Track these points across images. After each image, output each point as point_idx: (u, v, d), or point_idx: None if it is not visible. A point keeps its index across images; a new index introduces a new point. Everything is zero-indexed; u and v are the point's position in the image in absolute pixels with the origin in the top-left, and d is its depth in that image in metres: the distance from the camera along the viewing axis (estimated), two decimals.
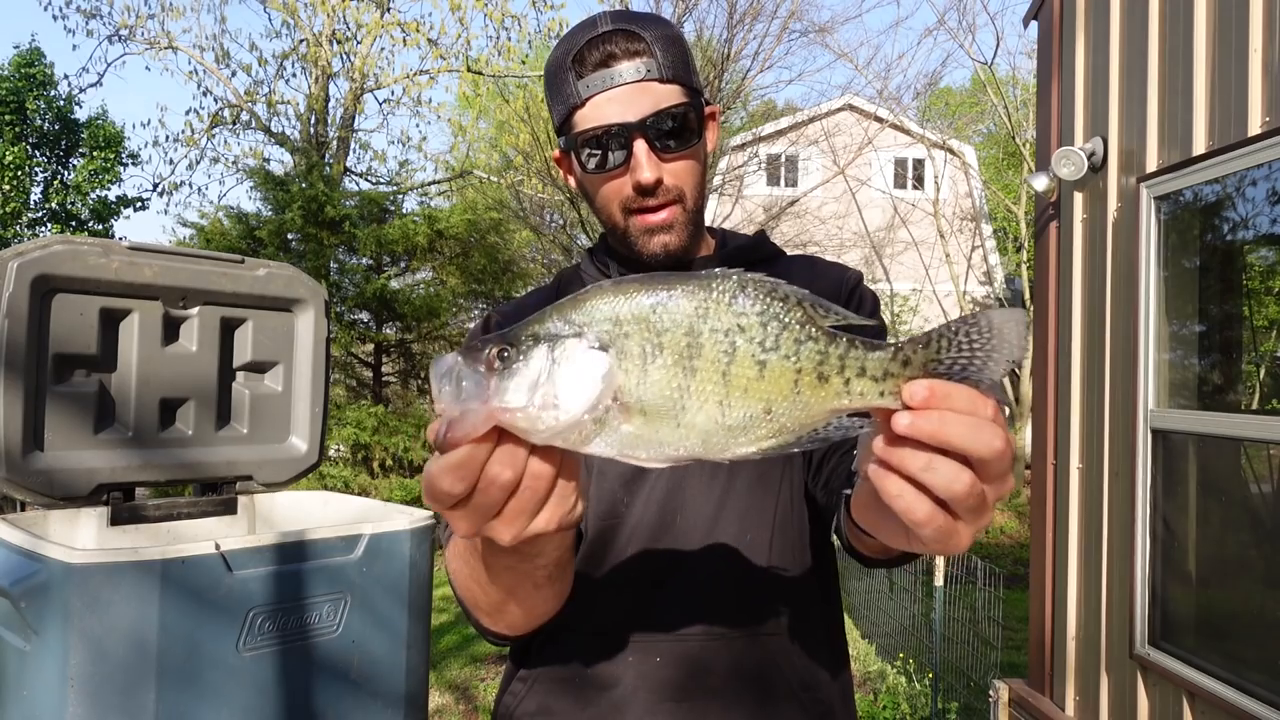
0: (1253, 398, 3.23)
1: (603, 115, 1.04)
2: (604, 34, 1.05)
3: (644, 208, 1.07)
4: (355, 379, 10.52)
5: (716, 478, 1.10)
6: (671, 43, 1.06)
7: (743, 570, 1.09)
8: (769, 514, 1.10)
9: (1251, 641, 2.75)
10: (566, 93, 1.07)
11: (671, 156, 1.06)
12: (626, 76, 1.04)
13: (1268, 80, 2.63)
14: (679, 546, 1.09)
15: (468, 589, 0.95)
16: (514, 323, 1.13)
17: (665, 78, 1.04)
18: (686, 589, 1.08)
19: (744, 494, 1.10)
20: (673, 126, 1.05)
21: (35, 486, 1.82)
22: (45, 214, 17.11)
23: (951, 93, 20.44)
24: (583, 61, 1.05)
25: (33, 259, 1.79)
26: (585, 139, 1.05)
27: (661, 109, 1.04)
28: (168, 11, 12.54)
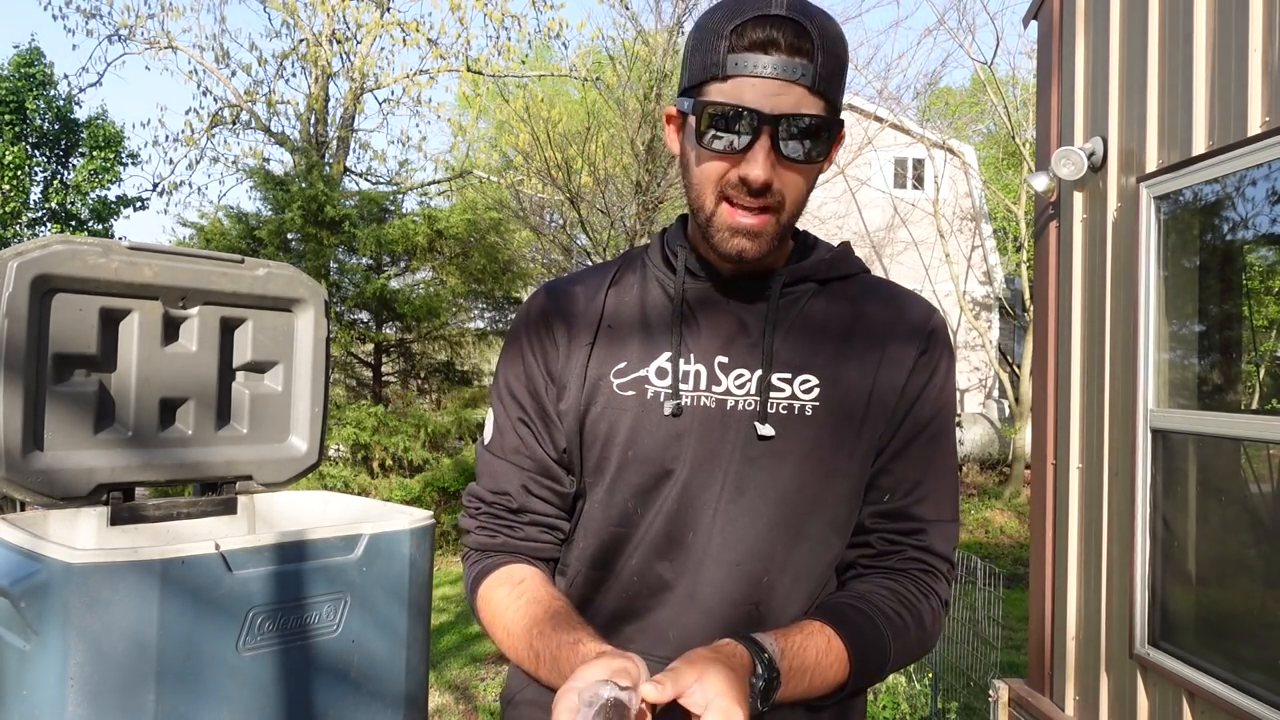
0: (1253, 398, 3.23)
1: (742, 96, 0.98)
2: (775, 17, 0.97)
3: (742, 203, 1.01)
4: (355, 379, 10.52)
5: (738, 502, 1.07)
6: (836, 54, 1.00)
7: (751, 596, 1.08)
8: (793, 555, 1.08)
9: (1251, 641, 2.75)
10: (713, 60, 1.00)
11: (791, 165, 1.01)
12: (781, 71, 0.97)
13: (1268, 80, 2.63)
14: (686, 563, 1.08)
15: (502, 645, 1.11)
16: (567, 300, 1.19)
17: (817, 87, 0.98)
18: (689, 604, 1.08)
19: (767, 530, 1.07)
20: (804, 135, 0.99)
21: (35, 486, 1.82)
22: (45, 214, 17.11)
23: (951, 93, 20.45)
24: (742, 35, 0.98)
25: (33, 259, 1.78)
26: (714, 111, 0.99)
27: (802, 113, 0.97)
28: (168, 11, 12.54)
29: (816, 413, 1.07)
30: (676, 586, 1.08)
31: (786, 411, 1.07)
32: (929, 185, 16.21)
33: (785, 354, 1.08)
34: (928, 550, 1.10)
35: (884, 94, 15.90)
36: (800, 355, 1.09)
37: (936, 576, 1.10)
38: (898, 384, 1.10)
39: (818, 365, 1.08)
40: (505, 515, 1.16)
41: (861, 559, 1.11)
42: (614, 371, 1.12)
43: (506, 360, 1.19)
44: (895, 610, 1.05)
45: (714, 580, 1.07)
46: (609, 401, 1.11)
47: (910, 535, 1.10)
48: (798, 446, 1.07)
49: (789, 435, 1.07)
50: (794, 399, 1.07)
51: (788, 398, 1.07)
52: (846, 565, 1.12)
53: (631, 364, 1.11)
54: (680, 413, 1.08)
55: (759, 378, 1.07)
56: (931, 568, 1.10)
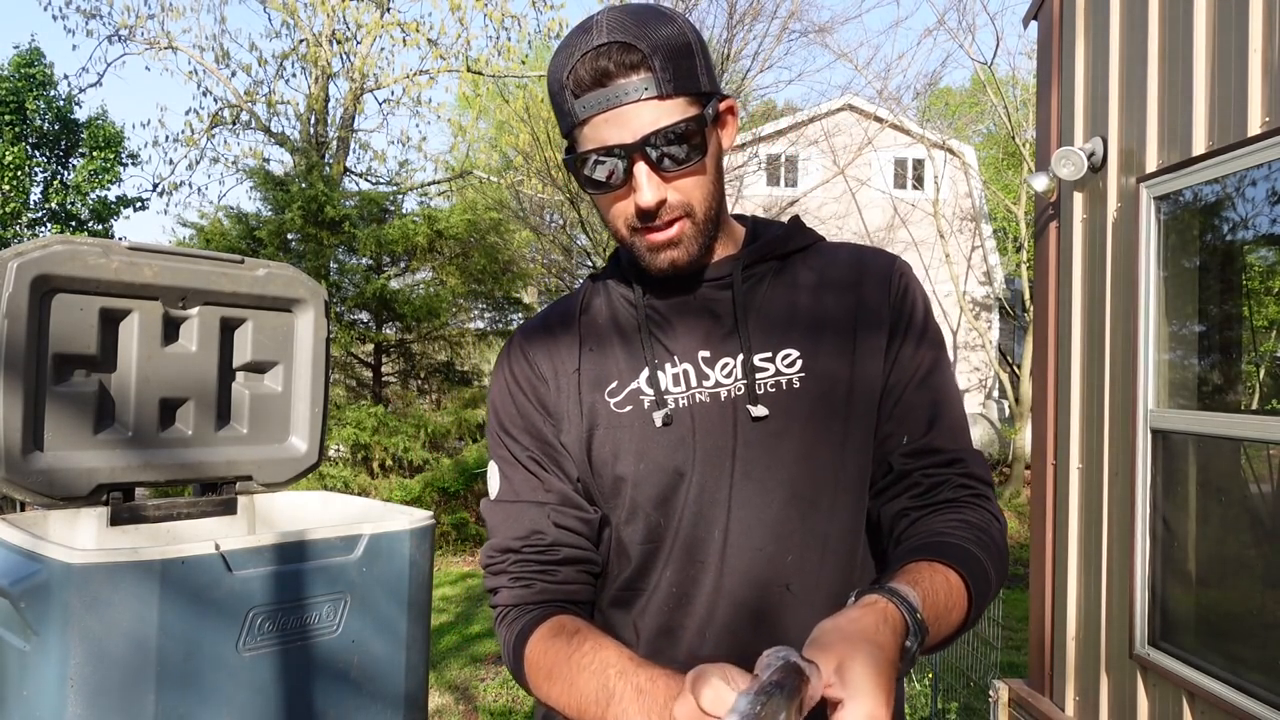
0: (1253, 398, 3.23)
1: (600, 136, 1.00)
2: (600, 47, 0.98)
3: (649, 226, 1.04)
4: (355, 379, 10.52)
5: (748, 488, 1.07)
6: (673, 48, 0.99)
7: (780, 578, 1.07)
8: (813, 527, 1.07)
9: (1251, 641, 2.75)
10: (565, 110, 1.02)
11: (674, 174, 1.02)
12: (624, 96, 0.98)
13: (1268, 80, 2.63)
14: (713, 560, 1.07)
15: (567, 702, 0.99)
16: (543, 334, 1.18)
17: (665, 92, 0.98)
18: (722, 601, 1.07)
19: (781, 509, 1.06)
20: (674, 144, 0.99)
21: (35, 486, 1.82)
22: (45, 214, 17.11)
23: (951, 93, 20.45)
24: (579, 79, 0.99)
25: (33, 259, 1.78)
26: (584, 159, 1.01)
27: (660, 128, 0.98)
28: (168, 11, 12.54)
29: (804, 383, 1.08)
30: (708, 586, 1.07)
31: (775, 389, 1.08)
32: (929, 185, 16.21)
33: (762, 334, 1.10)
34: (971, 476, 1.08)
35: (884, 94, 15.90)
36: (776, 332, 1.10)
37: (989, 499, 1.09)
38: (879, 335, 1.10)
39: (795, 338, 1.09)
40: (538, 560, 1.10)
41: (911, 501, 1.07)
42: (607, 392, 1.12)
43: (498, 407, 1.17)
44: (978, 537, 1.02)
45: (741, 569, 1.06)
46: (609, 422, 1.10)
47: (950, 466, 1.08)
48: (793, 420, 1.07)
49: (782, 411, 1.07)
50: (779, 375, 1.08)
51: (773, 375, 1.08)
52: (899, 513, 1.07)
53: (622, 381, 1.11)
54: (671, 421, 1.08)
55: (742, 362, 1.09)
56: (981, 492, 1.08)
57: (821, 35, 18.41)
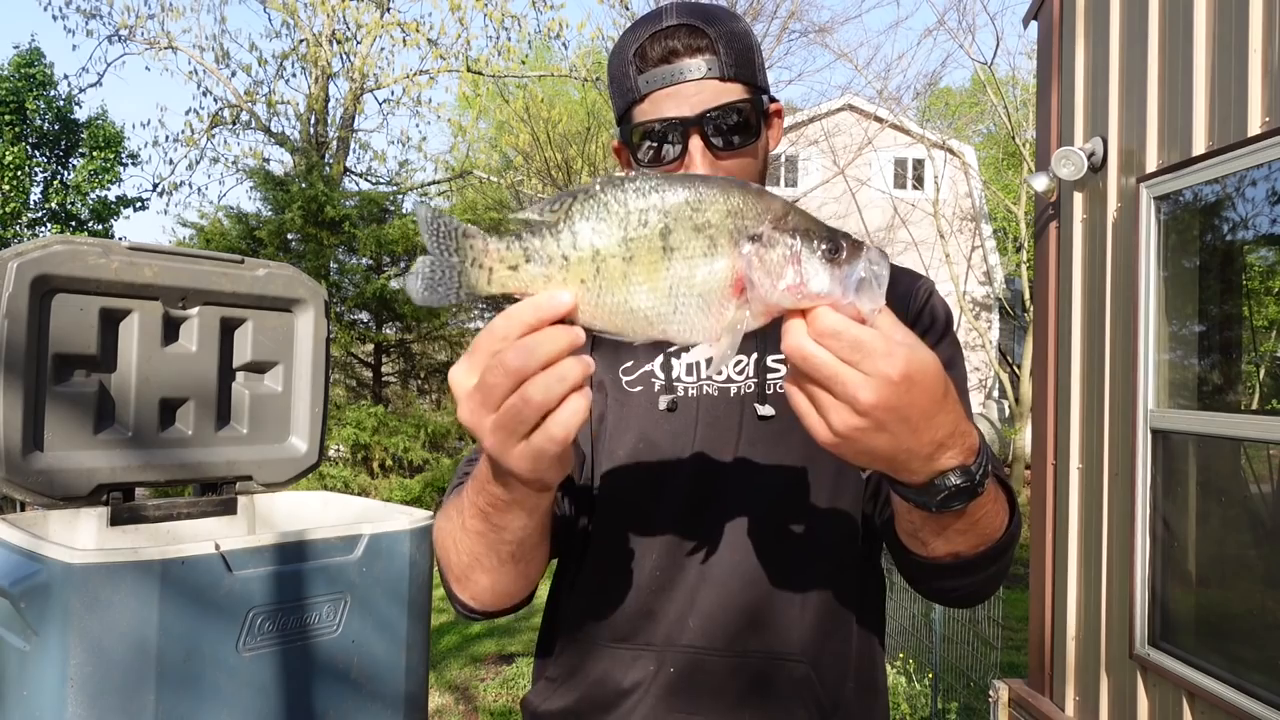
0: (1253, 398, 3.23)
1: (660, 110, 1.03)
2: (668, 28, 1.03)
3: None
4: (355, 379, 10.52)
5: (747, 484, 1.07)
6: (737, 38, 1.04)
7: (770, 576, 1.06)
8: (808, 529, 1.07)
9: (1251, 641, 2.75)
10: (627, 86, 1.05)
11: (727, 155, 1.04)
12: (688, 73, 1.02)
13: (1268, 80, 2.63)
14: (703, 549, 1.08)
15: (443, 548, 0.98)
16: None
17: (726, 75, 1.02)
18: (709, 589, 1.07)
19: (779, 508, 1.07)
20: (731, 124, 1.03)
21: (35, 486, 1.82)
22: (45, 214, 17.11)
23: (951, 93, 20.44)
24: (644, 56, 1.04)
25: (33, 259, 1.78)
26: (643, 131, 1.04)
27: (720, 104, 1.02)
28: (168, 11, 12.54)
29: None
30: (693, 575, 1.07)
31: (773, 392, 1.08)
32: (929, 185, 16.21)
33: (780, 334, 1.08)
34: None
35: (884, 94, 15.91)
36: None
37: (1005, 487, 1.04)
38: None
39: None
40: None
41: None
42: (622, 369, 1.13)
43: None
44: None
45: (731, 563, 1.06)
46: (618, 397, 1.12)
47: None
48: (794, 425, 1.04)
49: (789, 413, 1.03)
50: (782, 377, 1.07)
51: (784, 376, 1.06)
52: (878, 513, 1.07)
53: (638, 361, 1.13)
54: (675, 407, 1.09)
55: (755, 360, 1.08)
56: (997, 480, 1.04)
57: (821, 35, 18.41)
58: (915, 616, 6.01)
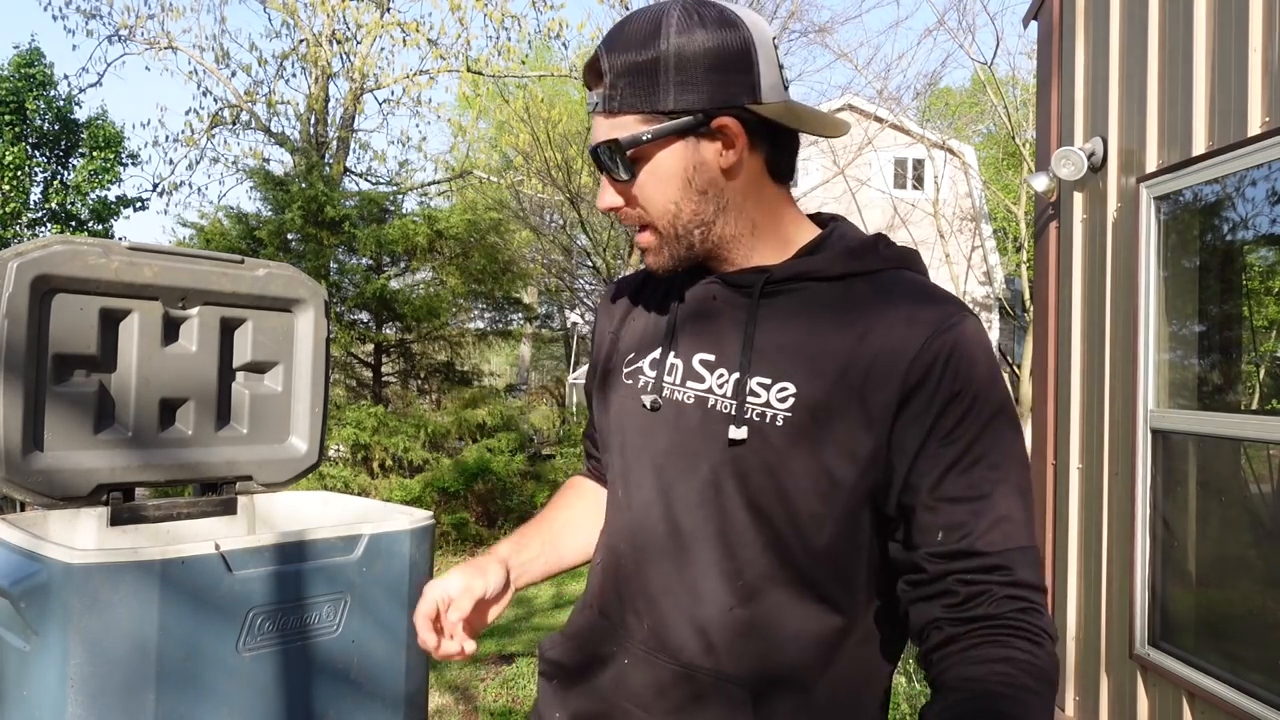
0: (1253, 398, 3.22)
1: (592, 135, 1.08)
2: (593, 55, 1.05)
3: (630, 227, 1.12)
4: (355, 379, 10.51)
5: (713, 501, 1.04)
6: (634, 69, 1.00)
7: (730, 599, 1.03)
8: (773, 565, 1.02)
9: (1251, 641, 2.75)
10: None
11: (620, 185, 1.05)
12: (590, 105, 1.06)
13: (1268, 80, 2.63)
14: (664, 554, 1.07)
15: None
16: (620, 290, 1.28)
17: (612, 110, 1.01)
18: (667, 595, 1.06)
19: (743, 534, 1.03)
20: (611, 159, 1.03)
21: (35, 486, 1.82)
22: (45, 214, 17.11)
23: (951, 93, 20.45)
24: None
25: (33, 259, 1.78)
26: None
27: (600, 142, 1.03)
28: (168, 11, 12.54)
29: (787, 424, 1.00)
30: (654, 576, 1.08)
31: (759, 419, 1.02)
32: (929, 185, 16.21)
33: (770, 358, 1.03)
34: (1019, 584, 0.93)
35: (884, 94, 15.91)
36: (783, 361, 1.02)
37: (1039, 612, 0.93)
38: (894, 401, 0.97)
39: (799, 374, 1.01)
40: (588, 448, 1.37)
41: (945, 612, 0.95)
42: (625, 360, 1.16)
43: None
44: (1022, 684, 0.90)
45: (689, 578, 1.05)
46: (617, 389, 1.15)
47: (993, 572, 0.93)
48: (764, 457, 1.01)
49: (757, 444, 1.01)
50: (768, 406, 1.02)
51: (763, 404, 1.02)
52: (931, 622, 0.96)
53: (638, 354, 1.14)
54: (658, 407, 1.09)
55: (736, 380, 1.04)
56: (1027, 600, 0.93)
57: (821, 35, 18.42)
58: None
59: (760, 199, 1.07)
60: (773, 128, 1.05)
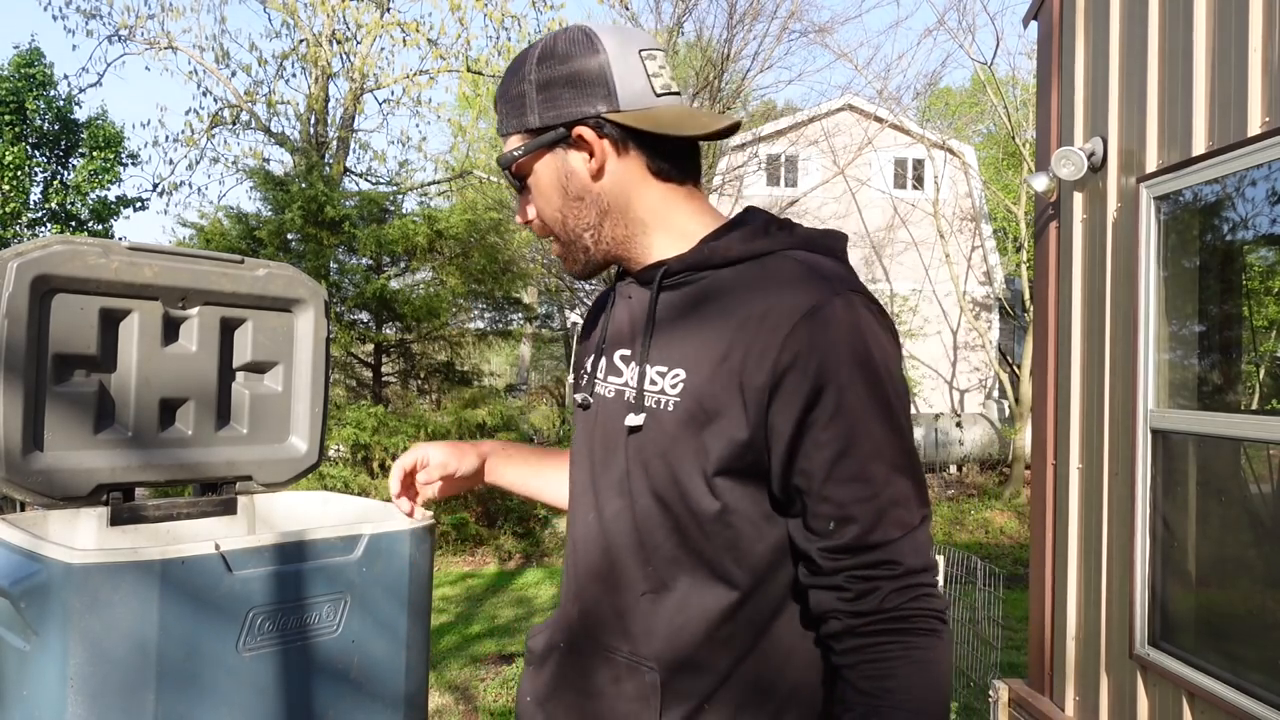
0: (1253, 398, 3.22)
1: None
2: None
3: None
4: (355, 379, 10.51)
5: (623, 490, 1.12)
6: (507, 95, 1.15)
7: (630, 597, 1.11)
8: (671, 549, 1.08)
9: (1251, 641, 2.75)
10: None
11: (525, 201, 1.19)
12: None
13: (1268, 80, 2.63)
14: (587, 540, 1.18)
15: None
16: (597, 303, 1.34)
17: (500, 133, 1.17)
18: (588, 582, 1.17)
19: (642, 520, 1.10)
20: (507, 176, 1.17)
21: (35, 486, 1.82)
22: (45, 214, 17.11)
23: (951, 93, 20.44)
24: None
25: (33, 259, 1.78)
26: None
27: (498, 161, 1.16)
28: (168, 11, 12.53)
29: (677, 409, 1.06)
30: (584, 564, 1.17)
31: (656, 406, 1.08)
32: (929, 185, 16.21)
33: (667, 347, 1.10)
34: (907, 574, 0.98)
35: (884, 94, 15.91)
36: (677, 349, 1.09)
37: (927, 594, 0.99)
38: (765, 384, 1.00)
39: (689, 361, 1.06)
40: None
41: (839, 603, 1.00)
42: (577, 365, 1.29)
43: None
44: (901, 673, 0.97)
45: (610, 566, 1.13)
46: (573, 391, 1.29)
47: (880, 567, 0.98)
48: (660, 444, 1.08)
49: (655, 431, 1.08)
50: (663, 394, 1.08)
51: (659, 392, 1.09)
52: (828, 612, 1.01)
53: (584, 358, 1.27)
54: (588, 405, 1.21)
55: (638, 371, 1.12)
56: (916, 588, 0.99)
57: (821, 35, 18.43)
58: None
59: (645, 199, 1.13)
60: (643, 133, 1.10)
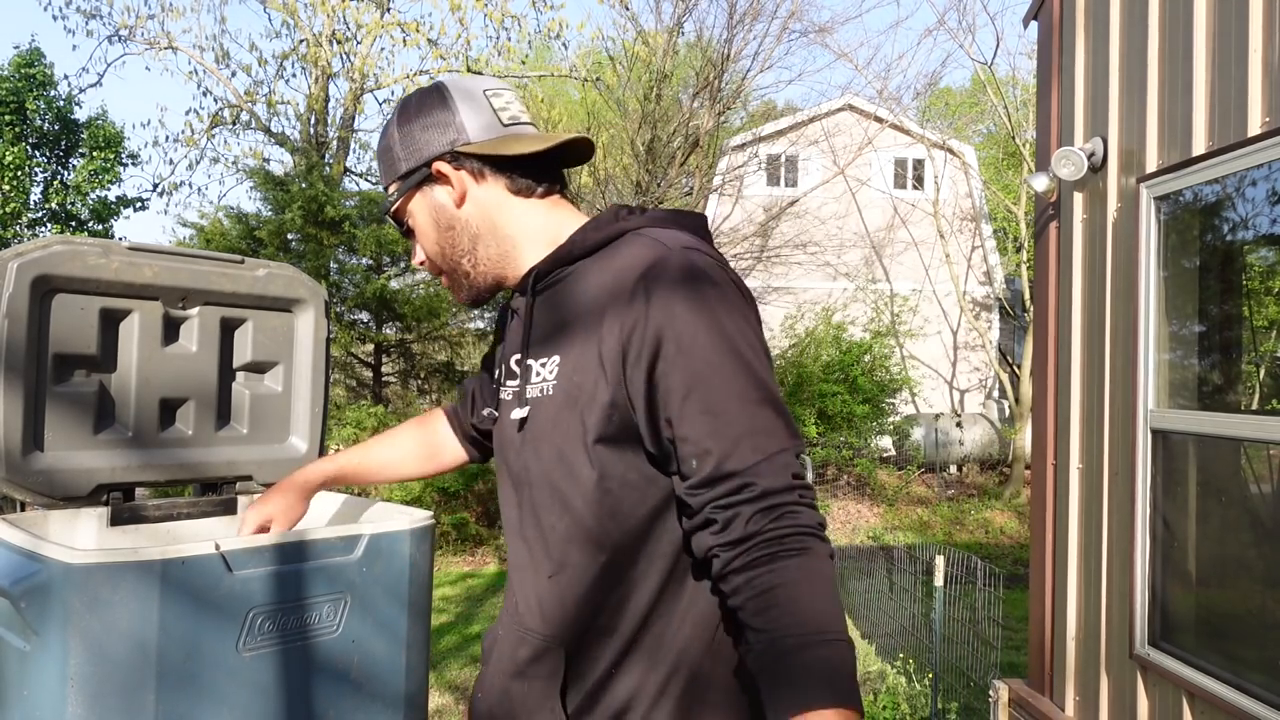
0: (1253, 398, 3.22)
1: None
2: None
3: None
4: (355, 379, 10.52)
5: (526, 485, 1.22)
6: (380, 156, 1.29)
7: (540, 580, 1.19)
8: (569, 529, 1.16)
9: (1251, 641, 2.75)
10: None
11: (414, 244, 1.32)
12: None
13: (1268, 80, 2.63)
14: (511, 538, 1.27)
15: None
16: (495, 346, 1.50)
17: (385, 189, 1.30)
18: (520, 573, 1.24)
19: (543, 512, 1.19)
20: (396, 225, 1.32)
21: (35, 487, 1.82)
22: (45, 214, 17.10)
23: (951, 93, 20.44)
24: None
25: (33, 259, 1.78)
26: None
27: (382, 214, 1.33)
28: (168, 12, 12.54)
29: (556, 391, 1.15)
30: (511, 558, 1.27)
31: (540, 394, 1.18)
32: (929, 185, 16.21)
33: (544, 339, 1.19)
34: (766, 494, 1.01)
35: (884, 94, 15.91)
36: (550, 338, 1.18)
37: (791, 511, 1.01)
38: (617, 346, 1.07)
39: (561, 345, 1.16)
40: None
41: (714, 539, 1.03)
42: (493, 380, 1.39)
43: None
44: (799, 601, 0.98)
45: (528, 554, 1.22)
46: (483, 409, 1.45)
47: (739, 494, 1.01)
48: (541, 427, 1.17)
49: (538, 417, 1.17)
50: (544, 381, 1.17)
51: (541, 381, 1.18)
52: (708, 551, 1.05)
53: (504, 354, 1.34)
54: (495, 418, 1.32)
55: (521, 369, 1.22)
56: (778, 508, 1.01)
57: (821, 35, 18.43)
58: (915, 616, 6.01)
59: (511, 217, 1.24)
60: (496, 158, 1.21)
